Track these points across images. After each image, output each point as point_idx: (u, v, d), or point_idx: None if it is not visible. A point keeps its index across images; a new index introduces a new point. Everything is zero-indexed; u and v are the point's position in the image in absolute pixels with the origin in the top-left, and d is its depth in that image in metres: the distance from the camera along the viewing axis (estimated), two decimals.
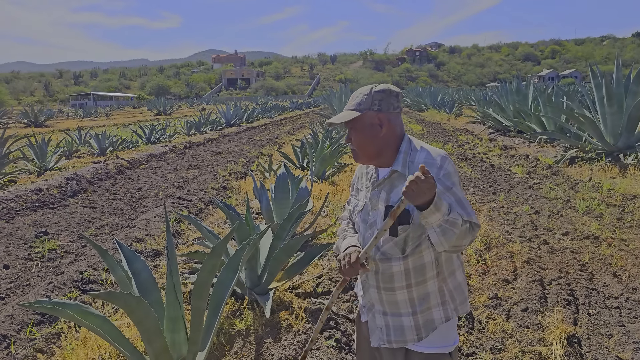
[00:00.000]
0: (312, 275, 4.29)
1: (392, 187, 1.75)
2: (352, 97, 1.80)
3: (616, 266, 4.46)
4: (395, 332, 1.82)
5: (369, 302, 1.88)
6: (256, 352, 3.09)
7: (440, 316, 1.81)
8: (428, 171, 1.49)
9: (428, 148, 1.77)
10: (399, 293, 1.79)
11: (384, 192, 1.77)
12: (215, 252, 2.58)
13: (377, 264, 1.79)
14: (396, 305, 1.81)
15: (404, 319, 1.80)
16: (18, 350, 3.23)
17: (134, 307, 2.29)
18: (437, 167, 1.71)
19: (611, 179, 7.78)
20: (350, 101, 1.79)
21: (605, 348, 3.15)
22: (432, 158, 1.72)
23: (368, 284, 1.85)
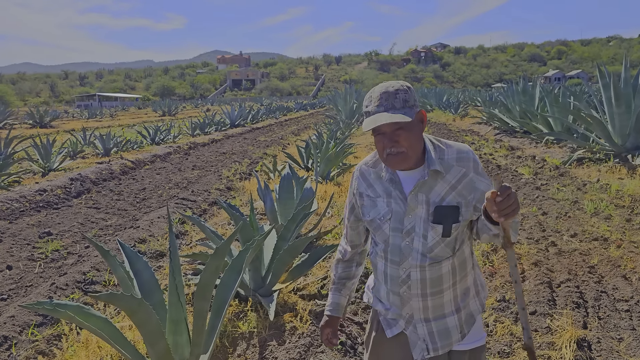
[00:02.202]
0: (316, 276, 4.23)
1: (431, 188, 1.65)
2: (385, 94, 1.59)
3: (626, 268, 4.38)
4: (440, 336, 1.75)
5: (407, 314, 1.76)
6: (260, 355, 3.04)
7: (476, 307, 1.81)
8: (503, 183, 1.43)
9: (452, 144, 1.71)
10: (446, 294, 1.73)
11: (422, 194, 1.65)
12: (218, 253, 2.54)
13: (424, 271, 1.69)
14: (441, 307, 1.74)
15: (448, 320, 1.75)
16: (19, 351, 3.19)
17: (135, 309, 2.24)
18: (472, 160, 1.67)
19: (619, 180, 7.69)
20: (388, 100, 1.58)
21: (616, 352, 3.08)
22: (464, 152, 1.68)
23: (409, 294, 1.72)
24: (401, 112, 1.55)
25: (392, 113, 1.55)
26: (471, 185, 1.65)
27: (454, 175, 1.64)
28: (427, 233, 1.66)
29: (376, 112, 1.57)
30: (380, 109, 1.57)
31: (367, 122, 1.58)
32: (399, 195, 1.68)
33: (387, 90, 1.59)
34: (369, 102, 1.62)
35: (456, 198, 1.64)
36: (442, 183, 1.64)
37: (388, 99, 1.58)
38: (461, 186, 1.64)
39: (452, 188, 1.64)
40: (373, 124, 1.55)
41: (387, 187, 1.71)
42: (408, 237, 1.68)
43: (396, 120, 1.54)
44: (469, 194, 1.65)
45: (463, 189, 1.64)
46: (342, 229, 1.87)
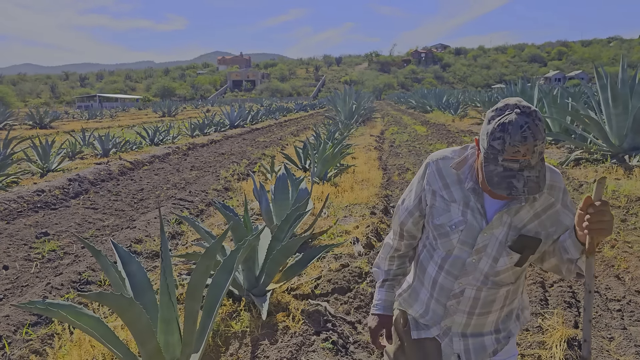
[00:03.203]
0: (310, 276, 4.25)
1: (517, 211, 1.53)
2: (526, 145, 1.33)
3: (619, 268, 4.40)
4: (476, 353, 1.69)
5: (445, 326, 1.70)
6: (252, 354, 3.05)
7: (516, 329, 1.76)
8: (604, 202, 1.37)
9: (548, 166, 1.52)
10: (492, 315, 1.68)
11: (508, 215, 1.53)
12: (208, 253, 2.56)
13: (480, 291, 1.61)
14: (483, 326, 1.69)
15: (485, 338, 1.70)
16: (13, 351, 3.21)
17: (125, 308, 2.26)
18: (562, 190, 1.56)
19: (616, 181, 7.70)
20: (529, 153, 1.34)
21: (607, 351, 3.10)
22: (557, 180, 1.55)
23: (456, 309, 1.65)
24: (537, 171, 1.38)
25: (532, 177, 1.37)
26: (556, 217, 1.55)
27: (541, 204, 1.53)
28: (500, 257, 1.56)
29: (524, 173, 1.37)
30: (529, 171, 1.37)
31: (506, 184, 1.37)
32: (478, 208, 1.56)
33: (532, 140, 1.33)
34: (504, 147, 1.35)
35: (537, 227, 1.54)
36: (528, 209, 1.53)
37: (527, 153, 1.34)
38: (545, 216, 1.54)
39: (536, 216, 1.54)
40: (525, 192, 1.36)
41: (467, 195, 1.57)
42: (477, 255, 1.58)
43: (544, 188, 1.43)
44: (551, 226, 1.55)
45: (547, 219, 1.54)
46: (395, 219, 1.79)
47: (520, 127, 1.32)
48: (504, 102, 1.42)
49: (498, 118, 1.37)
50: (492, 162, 1.38)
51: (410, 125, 22.29)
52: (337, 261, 4.51)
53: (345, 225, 5.73)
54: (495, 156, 1.37)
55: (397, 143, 14.92)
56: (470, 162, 1.60)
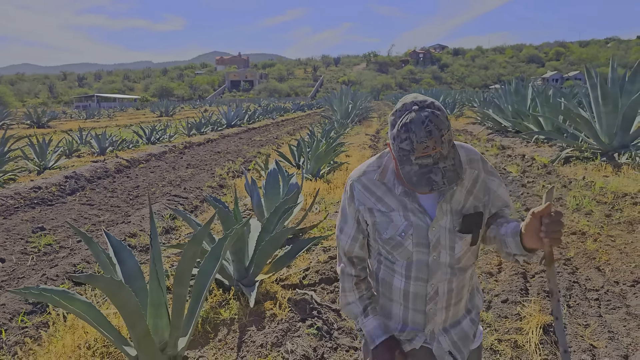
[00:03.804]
0: (299, 268, 4.36)
1: (452, 196, 1.57)
2: (432, 139, 1.37)
3: (600, 260, 4.52)
4: (463, 343, 1.71)
5: (429, 331, 1.69)
6: (239, 339, 3.17)
7: (481, 302, 1.81)
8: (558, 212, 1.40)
9: (457, 144, 1.58)
10: (464, 298, 1.71)
11: (445, 203, 1.56)
12: (195, 239, 2.67)
13: (451, 283, 1.63)
14: (457, 313, 1.72)
15: (463, 324, 1.72)
16: (9, 337, 3.32)
17: (115, 291, 2.37)
18: (480, 160, 1.63)
19: (604, 178, 7.83)
20: (438, 144, 1.37)
21: (581, 337, 3.22)
22: (473, 153, 1.62)
23: (435, 309, 1.66)
24: (452, 159, 1.42)
25: (449, 167, 1.41)
26: (484, 186, 1.61)
27: (468, 179, 1.58)
28: (455, 244, 1.59)
29: (433, 167, 1.40)
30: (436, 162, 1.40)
31: (426, 180, 1.40)
32: (417, 208, 1.57)
33: (439, 121, 1.38)
34: (412, 146, 1.38)
35: (473, 202, 1.59)
36: (460, 189, 1.57)
37: (440, 133, 1.37)
38: (476, 189, 1.59)
39: (469, 193, 1.58)
40: (435, 186, 1.40)
41: (401, 199, 1.58)
42: (435, 251, 1.58)
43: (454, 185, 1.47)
44: (484, 196, 1.61)
45: (478, 191, 1.60)
46: (340, 249, 1.75)
47: (422, 122, 1.35)
48: (401, 102, 1.44)
49: (400, 120, 1.40)
50: (407, 162, 1.40)
51: None
52: (326, 253, 4.63)
53: (336, 220, 5.85)
54: (407, 157, 1.39)
55: None
56: (390, 168, 1.61)
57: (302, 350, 2.98)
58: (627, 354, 2.99)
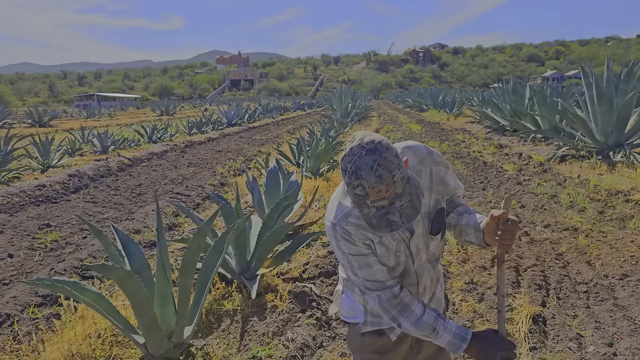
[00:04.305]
0: (299, 262, 4.51)
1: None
2: (384, 182, 1.37)
3: (591, 255, 4.67)
4: (438, 308, 1.85)
5: None
6: (242, 329, 3.31)
7: (441, 267, 1.93)
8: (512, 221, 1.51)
9: (404, 145, 1.66)
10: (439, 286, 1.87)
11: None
12: (200, 232, 2.81)
13: (431, 274, 1.77)
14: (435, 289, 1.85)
15: (437, 292, 1.86)
16: (21, 327, 3.46)
17: (125, 280, 2.52)
18: (427, 154, 1.66)
19: (599, 176, 7.97)
20: (390, 186, 1.39)
21: (568, 326, 3.36)
22: (420, 150, 1.66)
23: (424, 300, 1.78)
24: (408, 195, 1.44)
25: (405, 204, 1.43)
26: (438, 178, 1.67)
27: (425, 178, 1.63)
28: (429, 244, 1.69)
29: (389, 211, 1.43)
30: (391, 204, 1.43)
31: (385, 222, 1.43)
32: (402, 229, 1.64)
33: (391, 166, 1.38)
34: (365, 192, 1.39)
35: (435, 197, 1.65)
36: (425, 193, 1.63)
37: (389, 187, 1.39)
38: (433, 185, 1.65)
39: (430, 191, 1.64)
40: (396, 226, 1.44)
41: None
42: (417, 257, 1.68)
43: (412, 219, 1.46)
44: (440, 186, 1.67)
45: (436, 185, 1.66)
46: (376, 289, 1.62)
47: (370, 168, 1.35)
48: (348, 146, 1.42)
49: (349, 166, 1.39)
50: (364, 206, 1.42)
51: (406, 123, 22.55)
52: (325, 248, 4.77)
53: None
54: (363, 201, 1.40)
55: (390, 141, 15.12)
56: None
57: (302, 339, 3.13)
58: (612, 342, 3.14)
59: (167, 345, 2.85)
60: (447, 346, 1.61)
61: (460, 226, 1.69)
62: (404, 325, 1.62)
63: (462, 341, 1.58)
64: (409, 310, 1.60)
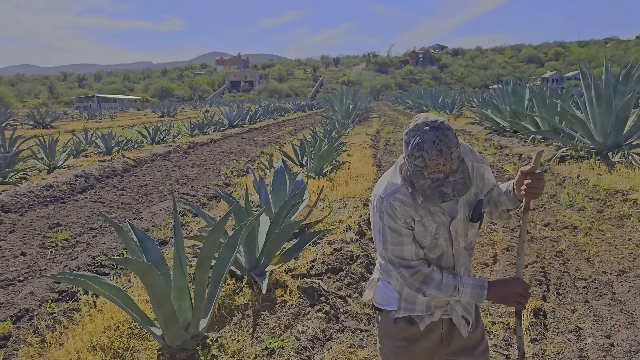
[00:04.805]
0: (306, 260, 4.64)
1: None
2: (443, 156, 1.53)
3: (590, 252, 4.80)
4: (469, 305, 1.90)
5: (451, 307, 1.87)
6: (253, 322, 3.44)
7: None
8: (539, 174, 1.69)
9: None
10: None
11: (462, 199, 1.79)
12: (216, 229, 2.94)
13: (466, 262, 1.88)
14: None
15: None
16: (40, 321, 3.59)
17: (146, 272, 2.65)
18: (470, 151, 1.82)
19: (598, 176, 8.10)
20: (448, 161, 1.55)
21: (568, 319, 3.50)
22: (464, 147, 1.81)
23: None
24: (461, 172, 1.59)
25: (459, 180, 1.58)
26: (479, 174, 1.84)
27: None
28: (468, 231, 1.83)
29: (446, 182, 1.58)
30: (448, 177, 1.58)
31: (438, 194, 1.58)
32: (438, 210, 1.76)
33: (449, 141, 1.54)
34: (425, 163, 1.55)
35: (474, 191, 1.82)
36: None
37: (446, 162, 1.54)
38: (474, 179, 1.81)
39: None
40: (447, 198, 1.58)
41: (425, 206, 1.75)
42: (456, 241, 1.80)
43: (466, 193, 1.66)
44: (480, 182, 1.84)
45: (475, 180, 1.82)
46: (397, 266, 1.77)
47: (433, 142, 1.51)
48: (413, 122, 1.59)
49: (413, 140, 1.55)
50: (420, 177, 1.57)
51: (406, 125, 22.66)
52: (331, 246, 4.90)
53: (339, 216, 6.13)
54: (421, 172, 1.56)
55: (392, 142, 15.32)
56: (409, 180, 1.75)
57: (312, 331, 3.26)
58: (610, 334, 3.27)
59: (184, 336, 2.97)
60: (471, 297, 1.76)
61: (494, 199, 1.87)
62: (429, 292, 1.75)
63: (481, 289, 1.74)
64: (429, 279, 1.75)
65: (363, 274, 4.34)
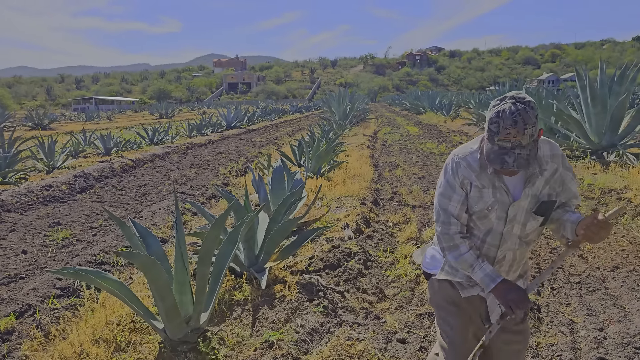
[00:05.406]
0: (305, 256, 4.70)
1: (533, 183, 1.86)
2: (516, 128, 1.66)
3: (584, 249, 4.87)
4: None
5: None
6: (253, 317, 3.51)
7: (529, 267, 2.17)
8: (603, 220, 1.71)
9: (543, 139, 1.87)
10: (522, 266, 2.04)
11: (529, 188, 1.85)
12: (217, 224, 3.01)
13: (516, 252, 1.95)
14: (514, 276, 2.04)
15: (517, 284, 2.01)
16: (42, 317, 3.64)
17: (149, 266, 2.71)
18: (561, 156, 1.89)
19: (593, 175, 8.19)
20: (519, 134, 1.66)
21: (561, 313, 3.57)
22: (556, 149, 1.89)
23: (499, 271, 1.97)
24: (528, 150, 1.69)
25: (523, 155, 1.68)
26: (561, 179, 1.89)
27: (549, 172, 1.86)
28: (527, 222, 1.89)
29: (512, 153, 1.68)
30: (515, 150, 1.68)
31: (500, 160, 1.69)
32: (502, 187, 1.85)
33: (527, 112, 1.66)
34: (498, 129, 1.68)
35: (549, 191, 1.87)
36: (540, 179, 1.86)
37: (517, 135, 1.66)
38: (553, 180, 1.88)
39: (547, 182, 1.86)
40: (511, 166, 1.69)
41: (492, 178, 1.85)
42: (510, 224, 1.89)
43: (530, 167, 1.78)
44: (559, 187, 1.89)
45: (554, 182, 1.88)
46: (441, 214, 1.98)
47: (511, 113, 1.64)
48: (507, 94, 1.73)
49: (496, 106, 1.69)
50: (491, 141, 1.70)
51: (403, 125, 22.79)
52: (329, 243, 4.97)
53: (337, 214, 6.20)
54: (492, 137, 1.68)
55: (389, 142, 15.41)
56: (483, 149, 1.87)
57: (310, 325, 3.32)
58: (602, 327, 3.34)
59: (186, 329, 3.03)
60: (479, 281, 1.91)
61: (562, 220, 1.90)
62: (449, 257, 1.96)
63: (491, 281, 1.88)
64: (456, 248, 1.93)
65: (361, 270, 4.41)
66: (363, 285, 4.16)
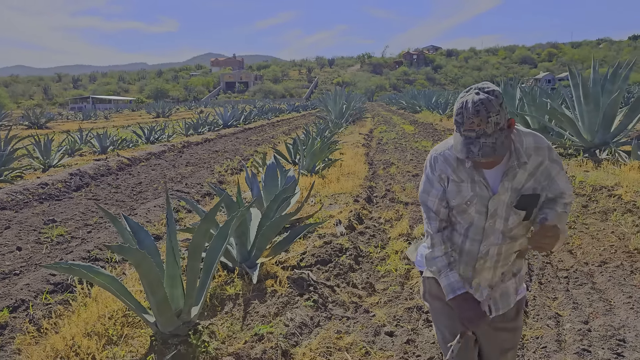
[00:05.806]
0: (297, 252, 4.75)
1: (514, 176, 1.81)
2: (479, 117, 1.65)
3: (573, 245, 4.94)
4: (502, 300, 1.97)
5: (476, 284, 1.95)
6: (244, 311, 3.55)
7: (526, 267, 2.17)
8: (549, 228, 1.71)
9: (526, 131, 1.84)
10: (511, 264, 1.96)
11: (507, 181, 1.80)
12: (207, 218, 3.05)
13: (501, 247, 1.88)
14: (504, 275, 1.96)
15: (508, 284, 1.97)
16: (36, 311, 3.68)
17: (140, 261, 2.75)
18: (547, 148, 1.83)
19: (585, 172, 8.26)
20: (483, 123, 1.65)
21: (548, 307, 3.63)
22: (540, 142, 1.83)
23: (483, 267, 1.92)
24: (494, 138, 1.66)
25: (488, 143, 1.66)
26: (547, 172, 1.83)
27: (532, 164, 1.80)
28: (509, 216, 1.83)
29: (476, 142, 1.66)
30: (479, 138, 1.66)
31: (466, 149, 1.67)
32: (482, 181, 1.82)
33: (487, 105, 1.64)
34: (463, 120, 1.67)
35: (533, 184, 1.81)
36: (522, 172, 1.80)
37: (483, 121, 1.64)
38: (538, 173, 1.82)
39: (531, 175, 1.80)
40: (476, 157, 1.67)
41: (471, 172, 1.83)
42: (492, 219, 1.84)
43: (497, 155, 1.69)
44: (544, 180, 1.83)
45: (540, 175, 1.82)
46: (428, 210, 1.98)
47: (474, 103, 1.64)
48: (471, 86, 1.74)
49: (461, 97, 1.70)
50: (458, 132, 1.71)
51: (399, 124, 22.85)
52: (321, 239, 5.02)
53: (330, 211, 6.25)
54: (459, 128, 1.69)
55: (384, 140, 15.46)
56: None
57: (300, 319, 3.37)
58: (587, 320, 3.40)
59: (176, 322, 3.08)
60: (443, 288, 1.93)
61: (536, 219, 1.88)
62: (426, 255, 1.98)
63: (452, 292, 1.89)
64: (432, 248, 1.95)
65: (351, 265, 4.47)
66: (353, 280, 4.21)
